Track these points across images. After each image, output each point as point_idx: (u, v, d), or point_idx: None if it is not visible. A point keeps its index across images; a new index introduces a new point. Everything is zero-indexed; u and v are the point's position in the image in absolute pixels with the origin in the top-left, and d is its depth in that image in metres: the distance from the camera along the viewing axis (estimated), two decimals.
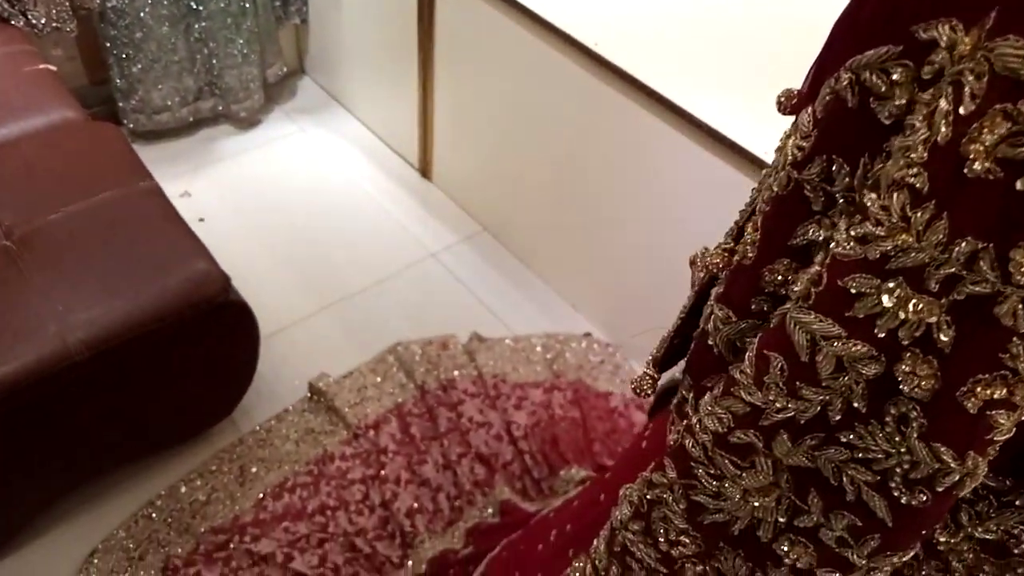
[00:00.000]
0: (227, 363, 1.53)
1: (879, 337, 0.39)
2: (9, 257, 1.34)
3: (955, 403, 0.38)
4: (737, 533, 0.47)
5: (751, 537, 0.47)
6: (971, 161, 0.34)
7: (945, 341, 0.37)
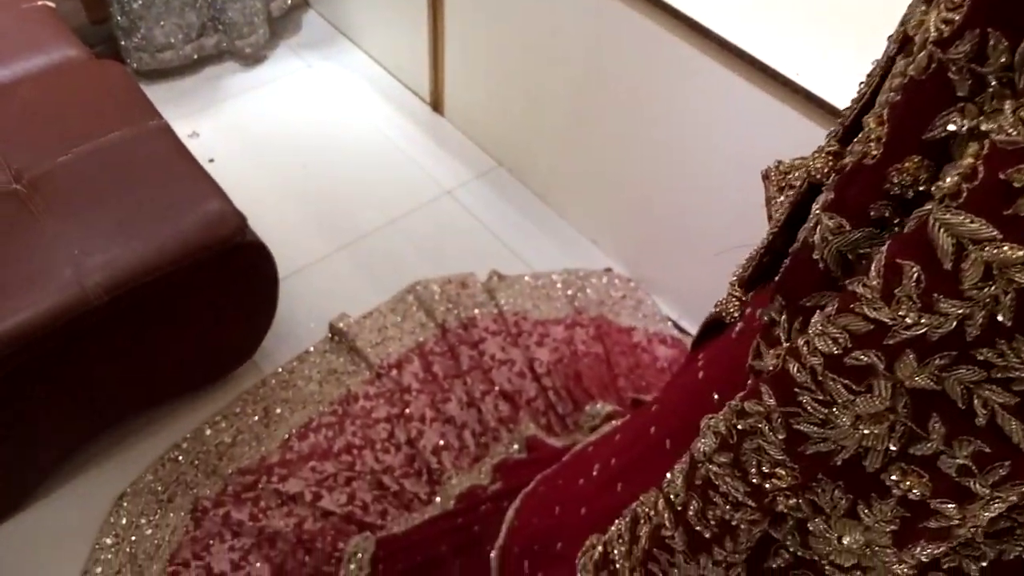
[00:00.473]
0: (246, 304, 1.51)
1: None
2: (20, 201, 1.31)
3: None
4: (840, 463, 0.44)
5: (855, 467, 0.44)
6: None
7: None
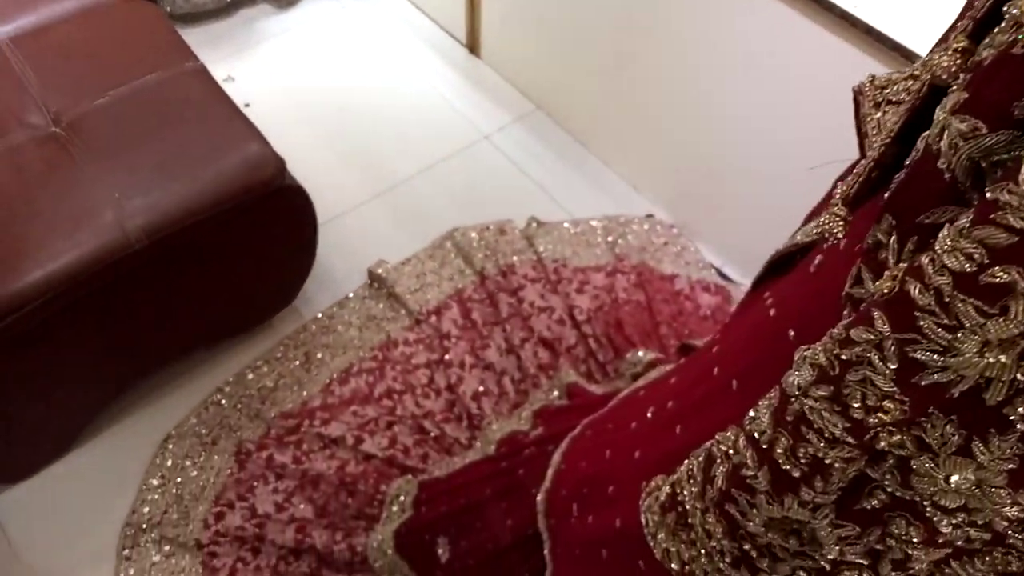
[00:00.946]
0: (286, 249, 1.50)
1: None
2: (60, 144, 1.30)
3: None
4: (957, 395, 0.41)
5: (974, 400, 0.40)
6: None
7: None
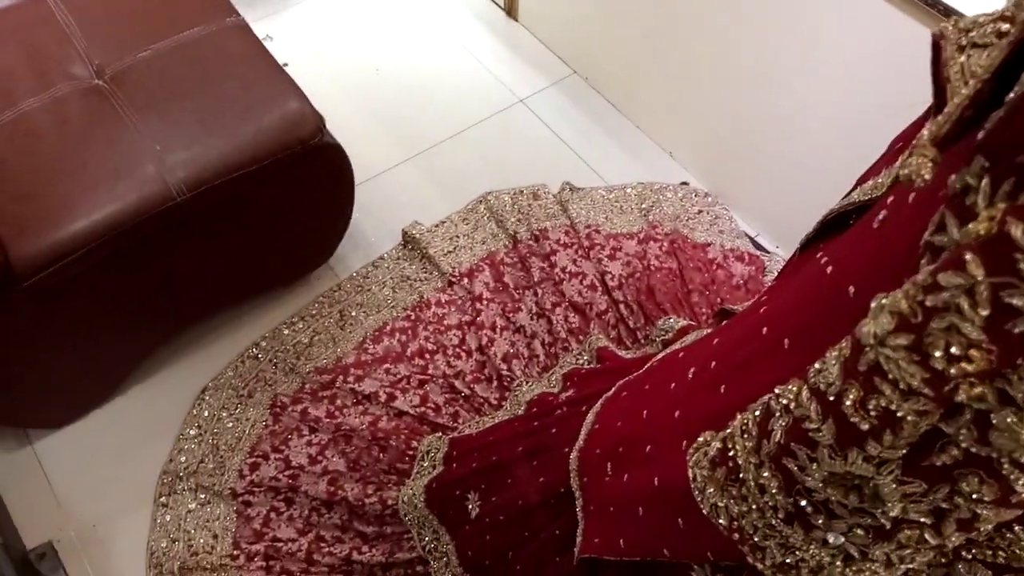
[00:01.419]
0: (323, 206, 1.51)
1: None
2: (103, 96, 1.32)
3: None
4: None
5: None
6: None
7: None
